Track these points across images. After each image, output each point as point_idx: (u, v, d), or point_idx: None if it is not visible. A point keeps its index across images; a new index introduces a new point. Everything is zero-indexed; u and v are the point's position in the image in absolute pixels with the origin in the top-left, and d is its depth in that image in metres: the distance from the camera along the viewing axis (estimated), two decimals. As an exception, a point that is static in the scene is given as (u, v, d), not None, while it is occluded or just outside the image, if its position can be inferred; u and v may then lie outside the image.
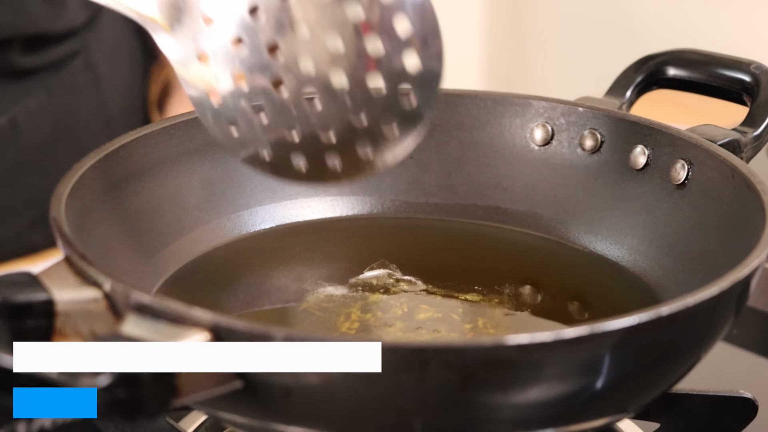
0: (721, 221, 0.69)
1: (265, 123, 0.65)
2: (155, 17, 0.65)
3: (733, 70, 0.77)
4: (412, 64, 0.63)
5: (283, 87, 0.65)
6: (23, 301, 0.56)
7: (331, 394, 0.54)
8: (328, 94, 0.64)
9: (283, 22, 0.64)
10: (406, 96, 0.64)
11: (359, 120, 0.65)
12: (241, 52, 0.65)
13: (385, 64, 0.63)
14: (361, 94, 0.64)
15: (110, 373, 0.50)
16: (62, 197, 0.63)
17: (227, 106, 0.65)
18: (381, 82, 0.64)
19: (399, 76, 0.63)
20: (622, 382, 0.56)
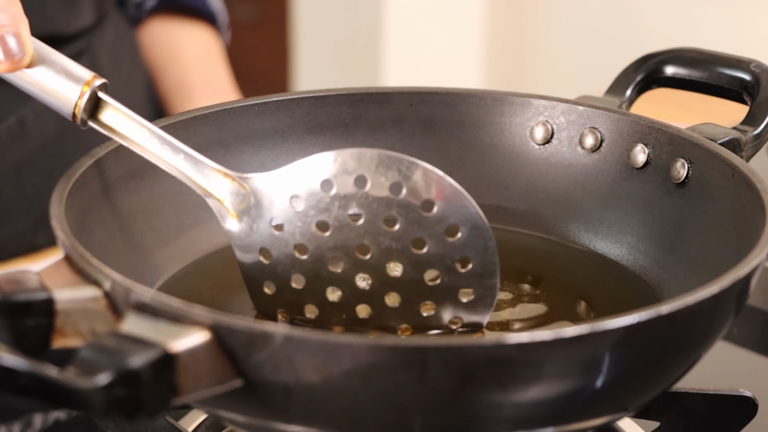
0: (721, 220, 0.68)
1: (312, 318, 0.68)
2: (225, 202, 0.68)
3: (733, 69, 0.77)
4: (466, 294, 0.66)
5: (336, 294, 0.68)
6: (23, 300, 0.56)
7: (331, 392, 0.54)
8: (379, 307, 0.67)
9: (349, 240, 0.67)
10: (452, 324, 0.67)
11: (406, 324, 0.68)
12: (302, 259, 0.68)
13: (439, 291, 0.66)
14: (411, 312, 0.67)
15: (110, 372, 0.50)
16: (62, 196, 0.63)
17: (280, 297, 0.68)
18: (431, 309, 0.67)
19: (451, 303, 0.67)
20: (622, 380, 0.56)
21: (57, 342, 0.57)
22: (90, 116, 0.68)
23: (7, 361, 0.50)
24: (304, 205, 0.67)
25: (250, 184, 0.68)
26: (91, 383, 0.50)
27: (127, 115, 0.68)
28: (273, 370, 0.53)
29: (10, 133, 1.06)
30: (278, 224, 0.68)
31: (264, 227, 0.68)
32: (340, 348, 0.52)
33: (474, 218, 0.65)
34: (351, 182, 0.66)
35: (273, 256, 0.68)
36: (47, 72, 0.67)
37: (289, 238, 0.68)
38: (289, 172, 0.67)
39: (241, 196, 0.68)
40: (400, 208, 0.65)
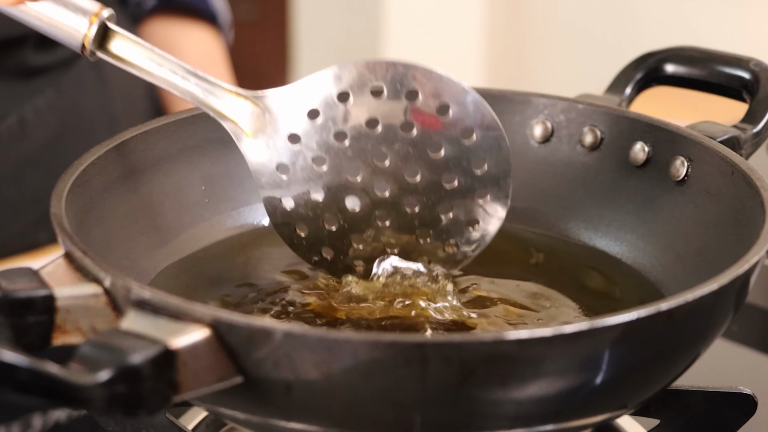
0: (720, 218, 0.69)
1: (333, 229, 0.69)
2: (240, 123, 0.69)
3: (732, 67, 0.77)
4: (482, 195, 0.69)
5: (357, 204, 0.69)
6: (24, 297, 0.56)
7: (330, 389, 0.54)
8: (398, 214, 0.69)
9: (367, 150, 0.68)
10: (470, 226, 0.69)
11: (423, 240, 0.70)
12: (321, 170, 0.69)
13: (456, 194, 0.69)
14: (429, 218, 0.69)
15: (110, 368, 0.50)
16: (63, 193, 0.64)
17: (298, 212, 0.69)
18: (449, 210, 0.69)
19: (468, 206, 0.69)
20: (622, 378, 0.57)
21: (57, 339, 0.57)
22: (99, 47, 0.68)
23: (8, 357, 0.50)
24: (321, 118, 0.68)
25: (264, 102, 0.69)
26: (91, 380, 0.50)
27: (136, 43, 0.68)
28: (273, 366, 0.53)
29: (10, 132, 1.06)
30: (295, 138, 0.68)
31: (281, 142, 0.69)
32: (339, 344, 0.52)
33: (487, 120, 0.67)
34: (367, 92, 0.67)
35: (290, 170, 0.69)
36: (54, 5, 0.67)
37: (307, 150, 0.68)
38: (304, 86, 0.68)
39: (256, 114, 0.69)
40: (416, 114, 0.67)
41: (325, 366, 0.53)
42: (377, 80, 0.67)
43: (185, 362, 0.52)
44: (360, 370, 0.52)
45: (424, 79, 0.67)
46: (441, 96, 0.67)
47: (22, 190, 1.08)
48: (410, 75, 0.67)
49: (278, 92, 0.69)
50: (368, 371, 0.52)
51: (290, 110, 0.68)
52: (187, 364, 0.52)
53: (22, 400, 0.51)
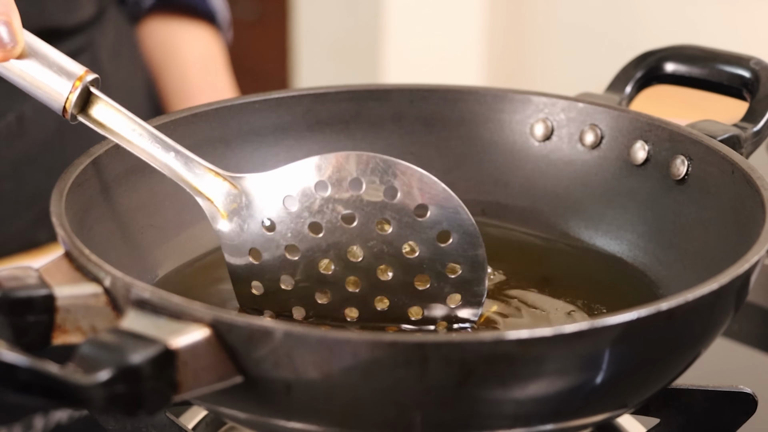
0: (720, 217, 0.69)
1: (300, 318, 0.68)
2: (216, 202, 0.68)
3: (732, 66, 0.77)
4: (454, 300, 0.67)
5: (325, 296, 0.68)
6: (24, 296, 0.56)
7: (331, 389, 0.54)
8: (368, 310, 0.68)
9: (341, 243, 0.67)
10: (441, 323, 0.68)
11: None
12: (293, 260, 0.68)
13: (428, 296, 0.67)
14: (398, 316, 0.68)
15: (110, 368, 0.50)
16: (63, 193, 0.64)
17: (267, 298, 0.68)
18: (420, 312, 0.68)
19: (439, 308, 0.67)
20: (622, 377, 0.57)
21: (57, 338, 0.57)
22: (80, 111, 0.67)
23: (8, 357, 0.50)
24: (297, 206, 0.67)
25: (242, 184, 0.68)
26: (91, 379, 0.50)
27: (118, 110, 0.68)
28: (273, 366, 0.53)
29: (9, 130, 1.06)
30: (270, 225, 0.68)
31: (255, 227, 0.68)
32: (340, 344, 0.52)
33: (466, 225, 0.66)
34: (346, 185, 0.66)
35: (263, 256, 0.68)
36: (38, 65, 0.67)
37: (281, 238, 0.68)
38: (283, 174, 0.67)
39: (232, 195, 0.68)
40: (393, 212, 0.66)
41: (325, 366, 0.53)
42: (357, 174, 0.66)
43: (185, 362, 0.52)
44: (360, 370, 0.52)
45: (405, 176, 0.66)
46: (420, 196, 0.66)
47: (21, 187, 1.08)
48: (391, 171, 0.66)
49: (257, 177, 0.68)
50: (368, 371, 0.52)
51: (267, 195, 0.68)
52: (187, 363, 0.52)
53: (22, 400, 0.51)
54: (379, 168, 0.66)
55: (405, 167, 0.66)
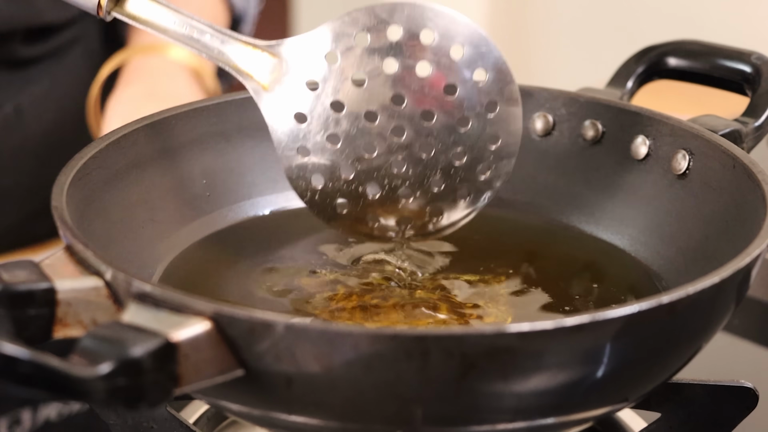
0: (722, 211, 0.69)
1: (349, 177, 0.70)
2: (256, 76, 0.69)
3: (734, 61, 0.77)
4: (493, 140, 0.69)
5: (372, 149, 0.70)
6: (24, 290, 0.56)
7: (332, 382, 0.54)
8: (413, 159, 0.70)
9: (384, 94, 0.69)
10: (483, 168, 0.70)
11: (436, 186, 0.70)
12: (338, 116, 0.69)
13: (468, 138, 0.69)
14: (444, 162, 0.70)
15: (111, 361, 0.50)
16: (64, 186, 0.64)
17: (314, 162, 0.70)
18: (462, 154, 0.70)
19: (479, 150, 0.69)
20: (623, 371, 0.57)
21: (58, 332, 0.57)
22: (114, 6, 0.68)
23: (9, 350, 0.50)
24: (339, 61, 0.68)
25: (280, 52, 0.69)
26: (92, 372, 0.50)
27: (152, 0, 0.68)
28: (274, 359, 0.53)
29: (7, 122, 1.06)
30: (313, 84, 0.69)
31: (299, 91, 0.69)
32: (341, 337, 0.52)
33: (498, 62, 0.68)
34: (384, 33, 0.68)
35: (308, 118, 0.69)
36: None
37: (324, 96, 0.69)
38: (321, 32, 0.68)
39: (273, 65, 0.69)
40: (432, 55, 0.68)
41: (326, 359, 0.53)
42: (394, 22, 0.68)
43: (186, 355, 0.52)
44: (361, 363, 0.52)
45: (439, 19, 0.67)
46: (455, 38, 0.68)
47: (20, 180, 1.08)
48: (426, 15, 0.67)
49: (295, 40, 0.69)
50: (369, 364, 0.52)
51: (307, 57, 0.69)
52: (188, 356, 0.52)
53: (23, 392, 0.51)
54: (415, 13, 0.67)
55: (438, 10, 0.68)
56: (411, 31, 0.68)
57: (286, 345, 0.52)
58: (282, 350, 0.53)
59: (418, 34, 0.68)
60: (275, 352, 0.53)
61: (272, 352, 0.53)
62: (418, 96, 0.69)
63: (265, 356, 0.53)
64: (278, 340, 0.52)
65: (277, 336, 0.52)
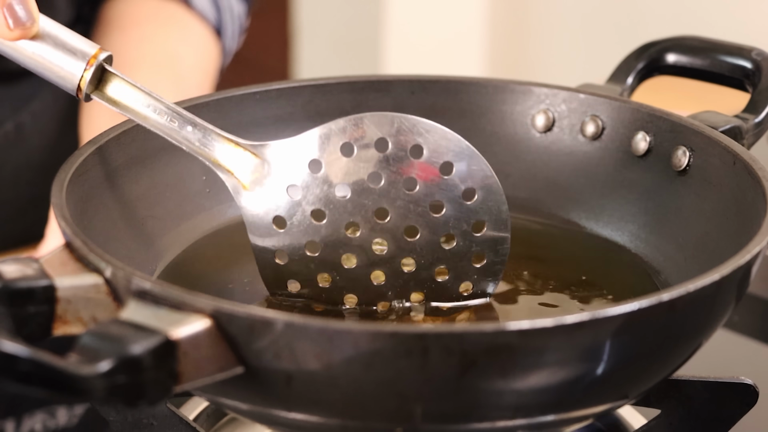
0: (722, 208, 0.68)
1: (326, 286, 0.68)
2: (237, 174, 0.68)
3: (734, 57, 0.77)
4: (479, 260, 0.68)
5: (351, 260, 0.68)
6: (24, 287, 0.56)
7: (331, 380, 0.54)
8: (394, 273, 0.68)
9: (368, 207, 0.67)
10: (464, 286, 0.68)
11: (416, 299, 0.69)
12: (319, 225, 0.68)
13: (454, 256, 0.68)
14: (426, 277, 0.68)
15: (111, 358, 0.50)
16: (63, 183, 0.64)
17: (291, 268, 0.68)
18: (446, 272, 0.68)
19: (465, 269, 0.68)
20: (623, 368, 0.57)
21: (58, 329, 0.57)
22: (94, 89, 0.67)
23: (9, 347, 0.50)
24: (323, 170, 0.67)
25: (263, 153, 0.68)
26: (92, 370, 0.50)
27: (133, 86, 0.67)
28: (274, 357, 0.53)
29: (8, 139, 1.05)
30: (294, 191, 0.68)
31: (279, 195, 0.68)
32: (340, 335, 0.52)
33: (490, 182, 0.67)
34: (372, 145, 0.67)
35: (288, 223, 0.68)
36: (50, 46, 0.66)
37: (306, 204, 0.68)
38: (306, 138, 0.67)
39: (254, 165, 0.68)
40: (419, 171, 0.67)
41: (326, 356, 0.53)
42: (383, 134, 0.67)
43: (186, 352, 0.52)
44: (361, 361, 0.52)
45: (430, 134, 0.66)
46: (445, 154, 0.67)
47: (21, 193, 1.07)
48: (416, 130, 0.66)
49: (280, 144, 0.68)
50: (369, 362, 0.52)
51: (291, 162, 0.68)
52: (187, 354, 0.52)
53: (22, 390, 0.51)
54: (405, 127, 0.66)
55: (430, 125, 0.67)
56: (399, 144, 0.67)
57: (286, 342, 0.52)
58: (282, 348, 0.53)
59: (407, 148, 0.67)
60: (275, 349, 0.53)
61: (272, 349, 0.53)
62: (402, 211, 0.67)
63: (264, 354, 0.53)
64: (278, 337, 0.52)
65: (276, 333, 0.52)
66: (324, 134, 0.67)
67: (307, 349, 0.52)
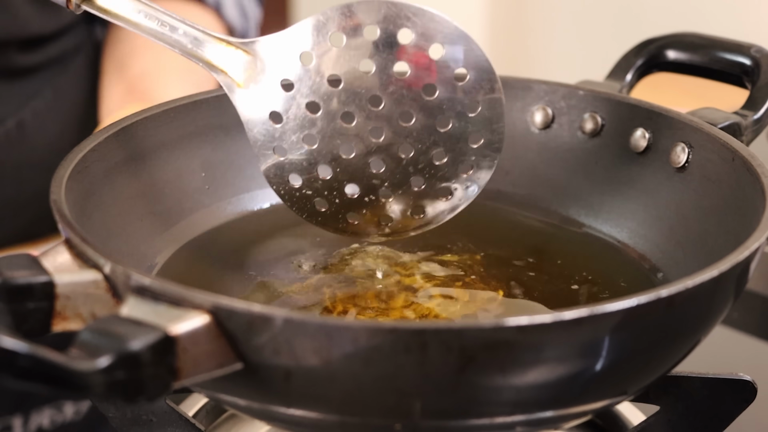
0: (721, 204, 0.69)
1: (327, 177, 0.69)
2: (230, 73, 0.68)
3: (733, 54, 0.77)
4: (475, 139, 0.68)
5: (351, 151, 0.69)
6: (24, 283, 0.56)
7: (330, 376, 0.54)
8: (392, 159, 0.68)
9: (361, 93, 0.67)
10: (465, 167, 0.69)
11: (417, 185, 0.69)
12: (314, 117, 0.68)
13: (450, 138, 0.68)
14: (424, 162, 0.68)
15: (110, 354, 0.50)
16: (63, 180, 0.64)
17: (291, 161, 0.69)
18: (443, 154, 0.69)
19: (461, 150, 0.68)
20: (622, 364, 0.57)
21: (57, 325, 0.57)
22: (83, 0, 0.67)
23: (8, 343, 0.50)
24: (314, 61, 0.67)
25: (255, 49, 0.68)
26: (91, 366, 0.50)
27: None
28: (273, 353, 0.53)
29: (9, 137, 1.05)
30: (288, 84, 0.68)
31: (273, 90, 0.68)
32: (339, 331, 0.52)
33: (480, 61, 0.67)
34: (360, 33, 0.67)
35: (284, 118, 0.68)
36: None
37: (300, 96, 0.68)
38: (296, 31, 0.68)
39: (246, 62, 0.68)
40: (410, 55, 0.67)
41: (325, 352, 0.53)
42: (371, 21, 0.67)
43: (185, 348, 0.52)
44: (360, 357, 0.52)
45: (417, 18, 0.66)
46: (434, 37, 0.66)
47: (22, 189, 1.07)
48: (403, 14, 0.66)
49: (270, 39, 0.68)
50: (368, 358, 0.52)
51: (282, 56, 0.68)
52: (186, 350, 0.52)
53: (21, 386, 0.51)
54: (392, 12, 0.67)
55: (416, 9, 0.67)
56: (388, 30, 0.67)
57: (285, 338, 0.52)
58: (281, 344, 0.53)
59: (396, 34, 0.67)
60: (274, 345, 0.53)
61: (271, 345, 0.53)
62: (396, 97, 0.68)
63: (263, 350, 0.53)
64: (277, 333, 0.52)
65: (275, 329, 0.52)
66: (313, 25, 0.67)
67: (306, 345, 0.53)
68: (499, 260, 0.73)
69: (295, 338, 0.52)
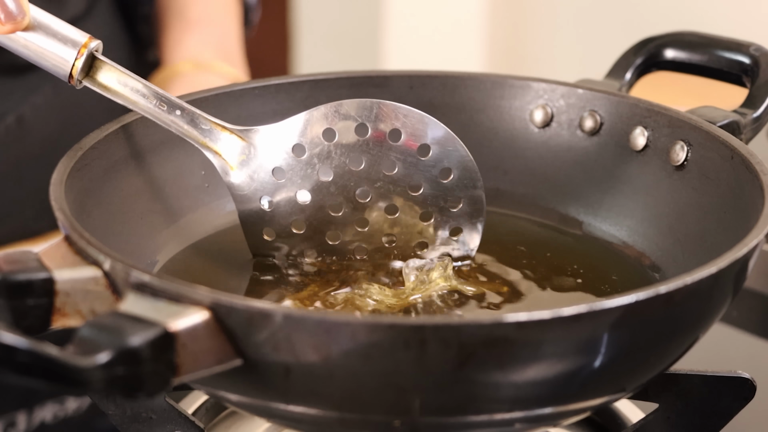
0: (720, 202, 0.69)
1: (312, 260, 0.72)
2: (224, 155, 0.71)
3: (732, 52, 0.77)
4: (455, 233, 0.72)
5: (335, 237, 0.72)
6: (23, 279, 0.56)
7: (330, 372, 0.54)
8: (376, 248, 0.72)
9: (350, 189, 0.71)
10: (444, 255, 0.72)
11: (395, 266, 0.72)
12: (303, 206, 0.72)
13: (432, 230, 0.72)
14: (405, 253, 0.72)
15: (109, 350, 0.50)
16: (63, 177, 0.64)
17: (278, 244, 0.72)
18: (424, 245, 0.72)
19: (442, 241, 0.72)
20: (620, 361, 0.57)
21: (57, 322, 0.57)
22: (85, 76, 0.69)
23: (8, 339, 0.50)
24: (306, 154, 0.71)
25: (249, 137, 0.71)
26: (90, 362, 0.50)
27: (123, 73, 0.70)
28: (272, 349, 0.53)
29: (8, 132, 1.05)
30: (279, 173, 0.71)
31: (265, 176, 0.71)
32: (338, 327, 0.52)
33: (465, 161, 0.71)
34: (352, 131, 0.70)
35: (274, 203, 0.71)
36: (43, 35, 0.68)
37: (291, 185, 0.71)
38: (290, 124, 0.71)
39: (241, 148, 0.71)
40: (398, 153, 0.70)
41: (324, 349, 0.53)
42: (362, 119, 0.70)
43: (184, 344, 0.52)
44: (359, 353, 0.52)
45: (407, 119, 0.70)
46: (423, 137, 0.70)
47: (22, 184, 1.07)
48: (394, 114, 0.70)
49: (265, 129, 0.71)
50: (367, 354, 0.52)
51: (276, 145, 0.71)
52: (186, 346, 0.53)
53: (21, 382, 0.51)
54: (383, 112, 0.70)
55: (407, 110, 0.70)
56: (379, 129, 0.70)
57: (284, 335, 0.52)
58: (280, 340, 0.53)
59: (386, 132, 0.70)
60: (273, 341, 0.53)
61: (270, 341, 0.53)
62: (383, 192, 0.71)
63: (263, 346, 0.53)
64: (276, 329, 0.52)
65: (275, 326, 0.52)
66: (306, 120, 0.70)
67: (306, 341, 0.53)
68: (497, 258, 0.73)
69: (295, 334, 0.53)
